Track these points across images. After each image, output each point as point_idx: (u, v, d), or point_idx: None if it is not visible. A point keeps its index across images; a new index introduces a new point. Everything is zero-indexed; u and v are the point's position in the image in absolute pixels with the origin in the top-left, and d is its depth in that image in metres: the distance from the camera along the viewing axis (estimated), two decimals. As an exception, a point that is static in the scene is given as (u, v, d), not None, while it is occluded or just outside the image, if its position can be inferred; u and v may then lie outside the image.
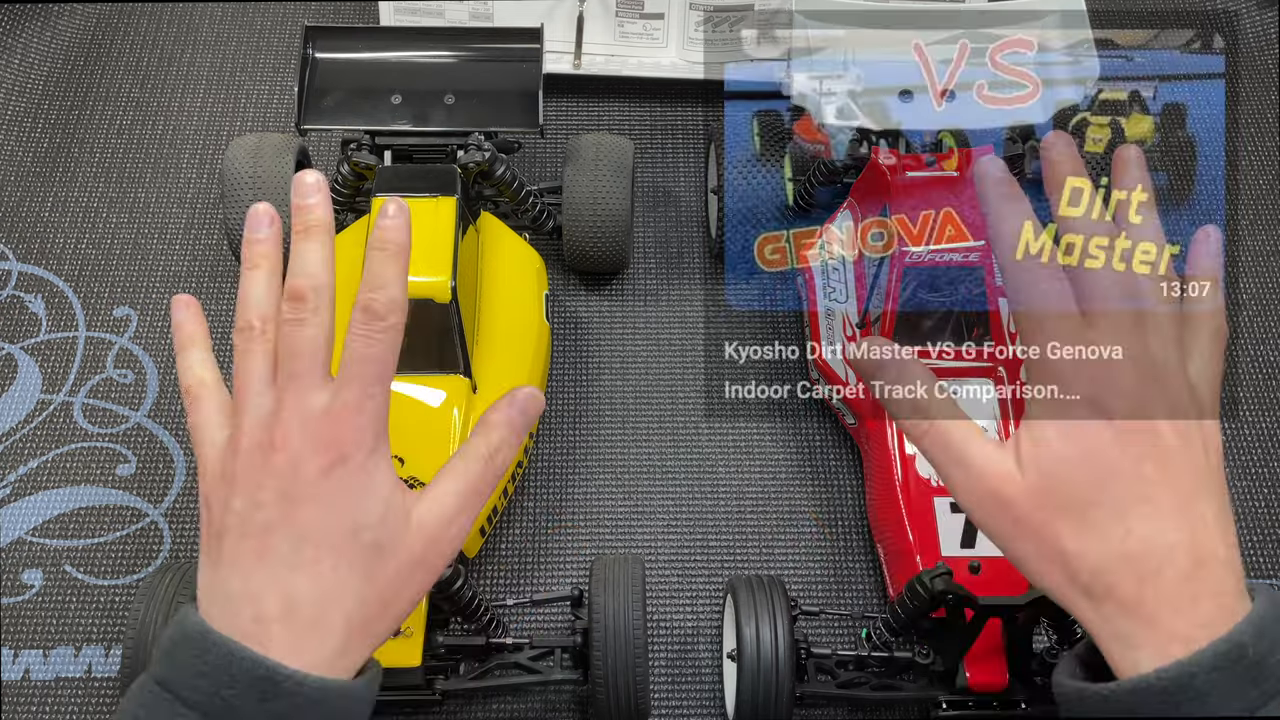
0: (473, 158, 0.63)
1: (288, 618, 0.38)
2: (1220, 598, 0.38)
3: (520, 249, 0.67)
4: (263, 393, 0.41)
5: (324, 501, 0.39)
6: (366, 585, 0.40)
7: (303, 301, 0.41)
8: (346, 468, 0.40)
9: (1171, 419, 0.39)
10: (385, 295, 0.41)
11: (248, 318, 0.42)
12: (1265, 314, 0.73)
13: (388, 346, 0.41)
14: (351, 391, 0.40)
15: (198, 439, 0.42)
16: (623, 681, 0.53)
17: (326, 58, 0.66)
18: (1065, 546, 0.39)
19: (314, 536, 0.39)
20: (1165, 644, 0.37)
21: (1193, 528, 0.39)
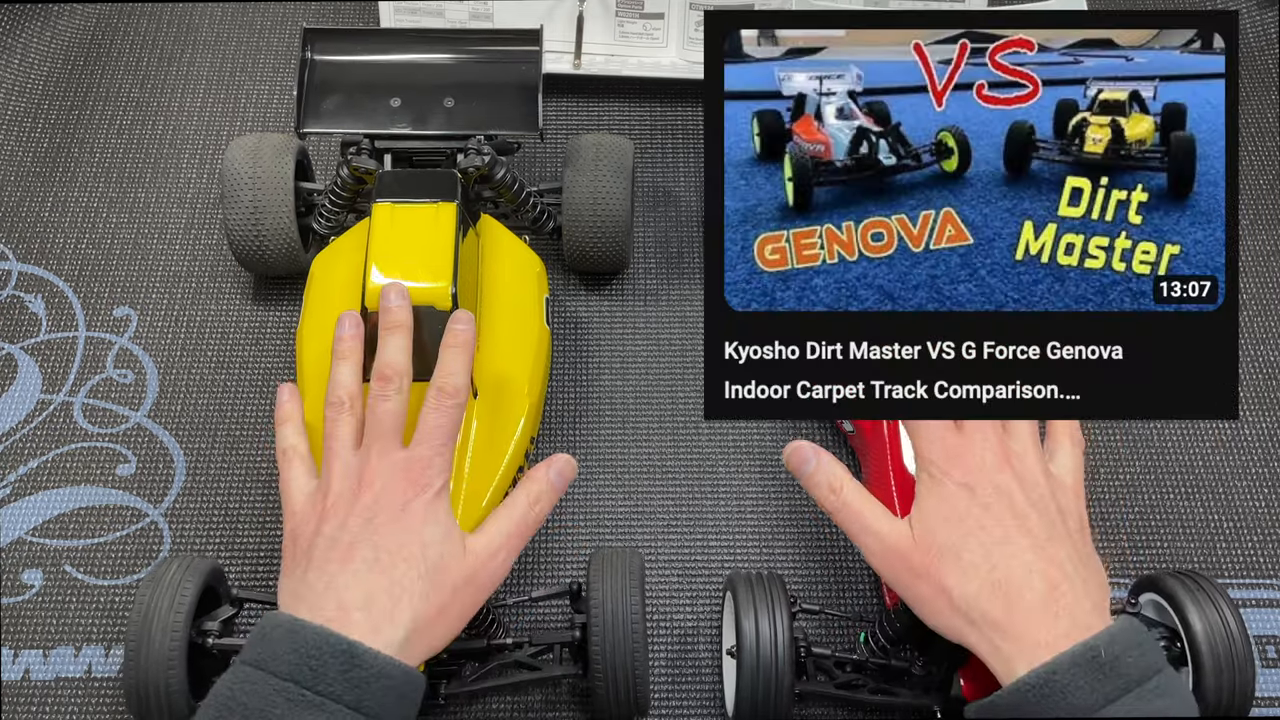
0: (472, 162, 0.63)
1: (366, 606, 0.47)
2: (1075, 615, 0.47)
3: (521, 253, 0.67)
4: (350, 452, 0.52)
5: (400, 526, 0.49)
6: (430, 590, 0.49)
7: (388, 382, 0.53)
8: (418, 502, 0.50)
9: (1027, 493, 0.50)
10: (453, 381, 0.53)
11: (338, 395, 0.54)
12: (1265, 314, 0.73)
13: (454, 418, 0.52)
14: (425, 449, 0.51)
15: (288, 490, 0.53)
16: (622, 673, 0.53)
17: (325, 60, 0.66)
18: (947, 583, 0.48)
19: (390, 548, 0.49)
20: (1032, 652, 0.46)
21: (1046, 563, 0.48)
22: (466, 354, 0.55)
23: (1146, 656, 0.46)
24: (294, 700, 0.44)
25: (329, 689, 0.44)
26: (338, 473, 0.51)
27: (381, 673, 0.45)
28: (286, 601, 0.49)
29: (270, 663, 0.45)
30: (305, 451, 0.55)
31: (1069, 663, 0.45)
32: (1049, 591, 0.47)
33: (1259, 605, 0.63)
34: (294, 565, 0.50)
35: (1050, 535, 0.49)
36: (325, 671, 0.44)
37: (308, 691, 0.44)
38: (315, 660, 0.45)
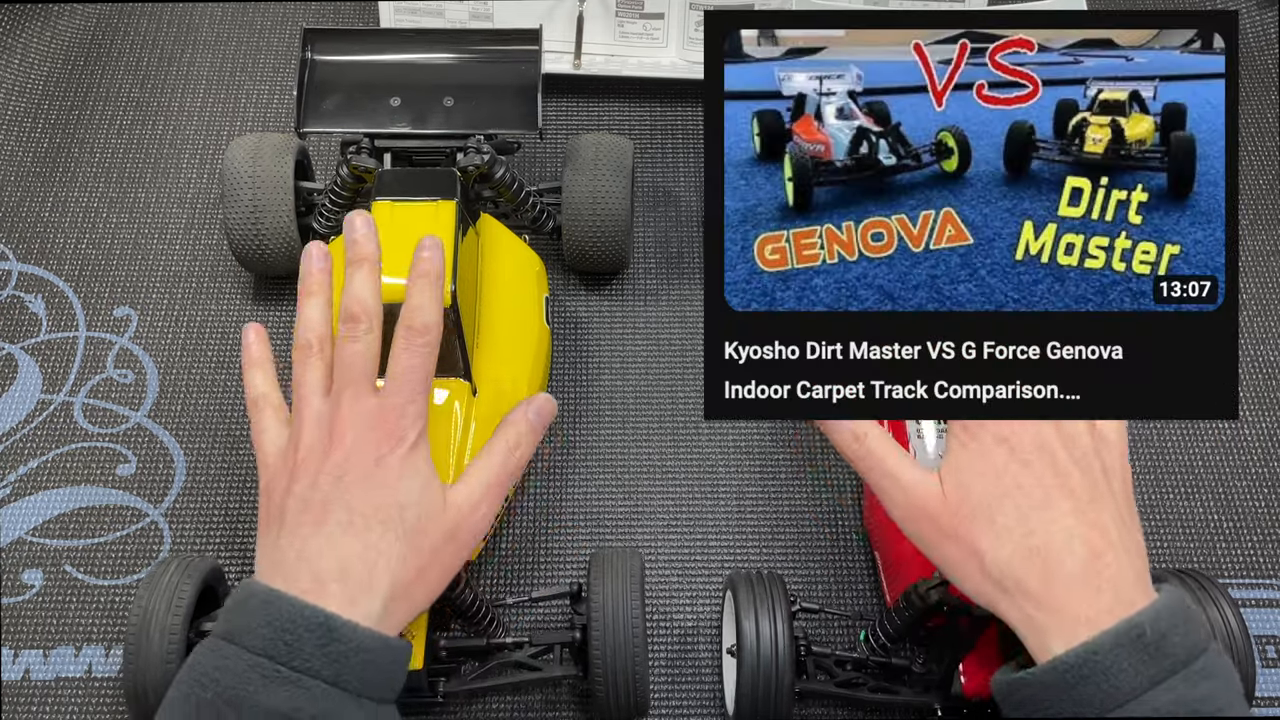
0: (472, 160, 0.63)
1: (342, 576, 0.45)
2: (1119, 587, 0.44)
3: (520, 252, 0.67)
4: (320, 400, 0.49)
5: (374, 483, 0.47)
6: (408, 552, 0.47)
7: (356, 322, 0.49)
8: (393, 457, 0.47)
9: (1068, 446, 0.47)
10: (423, 316, 0.49)
11: (306, 337, 0.50)
12: (1265, 314, 0.73)
13: (426, 357, 0.49)
14: (398, 395, 0.48)
15: (260, 441, 0.50)
16: (622, 674, 0.53)
17: (325, 60, 0.66)
18: (979, 546, 0.45)
19: (364, 509, 0.46)
20: (1071, 628, 0.43)
21: (1088, 528, 0.45)
22: (436, 285, 0.51)
23: (1192, 635, 0.43)
24: (269, 676, 0.42)
25: (305, 664, 0.43)
26: (308, 421, 0.48)
27: (360, 646, 0.44)
28: (263, 568, 0.47)
29: (244, 636, 0.43)
30: (277, 400, 0.52)
31: (1112, 642, 0.42)
32: (1091, 560, 0.44)
33: (1259, 605, 0.63)
34: (268, 527, 0.48)
35: (1094, 496, 0.46)
36: (301, 646, 0.43)
37: (283, 667, 0.42)
38: (290, 635, 0.43)
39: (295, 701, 0.42)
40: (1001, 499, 0.46)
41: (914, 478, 0.48)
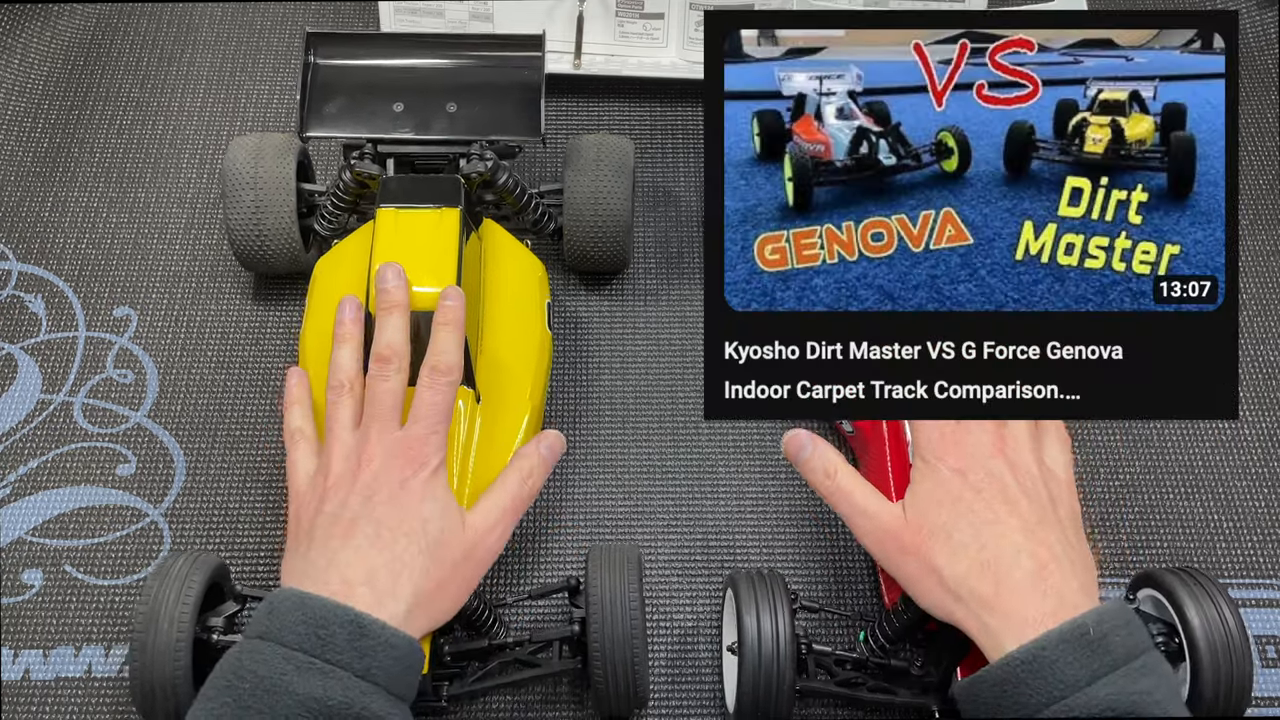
0: (475, 167, 0.63)
1: (370, 582, 0.48)
2: (1063, 594, 0.48)
3: (523, 257, 0.67)
4: (350, 432, 0.54)
5: (399, 502, 0.51)
6: (430, 565, 0.50)
7: (387, 363, 0.54)
8: (416, 480, 0.51)
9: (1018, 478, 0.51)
10: (446, 359, 0.54)
11: (339, 378, 0.55)
12: (1265, 314, 0.73)
13: (447, 394, 0.54)
14: (421, 427, 0.53)
15: (293, 470, 0.54)
16: (621, 663, 0.53)
17: (328, 64, 0.66)
18: (937, 562, 0.50)
19: (390, 524, 0.50)
20: (1020, 629, 0.47)
21: (1035, 544, 0.49)
22: (458, 331, 0.55)
23: (1134, 636, 0.47)
24: (303, 667, 0.45)
25: (338, 657, 0.45)
26: (338, 453, 0.53)
27: (388, 642, 0.46)
28: (290, 579, 0.50)
29: (278, 634, 0.46)
30: (311, 434, 0.56)
31: (1058, 639, 0.46)
32: (1037, 570, 0.49)
33: (1259, 605, 0.63)
34: (297, 544, 0.51)
35: (1040, 520, 0.50)
36: (333, 640, 0.46)
37: (316, 659, 0.45)
38: (323, 630, 0.46)
39: (327, 690, 0.45)
40: (957, 519, 0.50)
41: (879, 507, 0.53)
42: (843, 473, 0.54)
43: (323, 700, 0.44)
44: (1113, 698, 0.44)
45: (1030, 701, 0.45)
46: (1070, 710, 0.45)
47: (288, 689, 0.44)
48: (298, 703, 0.44)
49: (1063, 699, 0.45)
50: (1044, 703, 0.45)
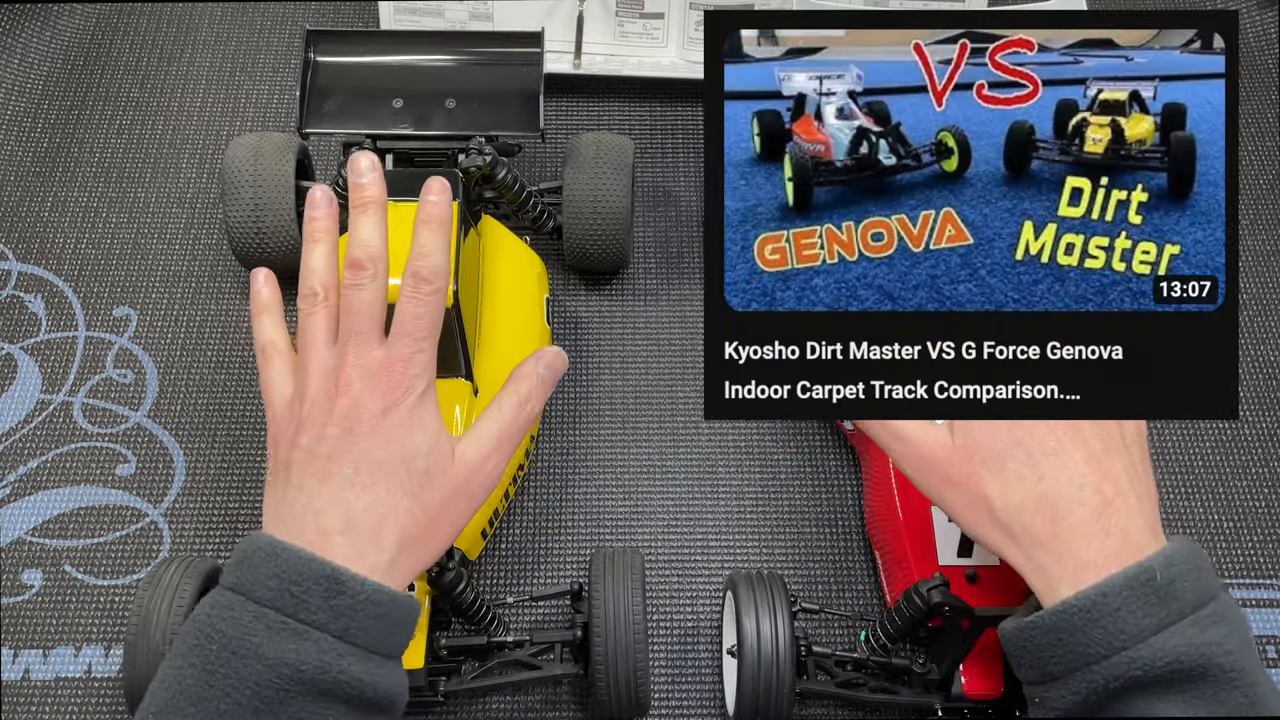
0: (474, 162, 0.63)
1: (348, 529, 0.44)
2: (1128, 533, 0.44)
3: (521, 253, 0.67)
4: (326, 349, 0.48)
5: (380, 435, 0.46)
6: (415, 505, 0.46)
7: (361, 269, 0.48)
8: (400, 408, 0.46)
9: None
10: (430, 263, 0.48)
11: (311, 285, 0.49)
12: (1265, 314, 0.73)
13: (433, 306, 0.48)
14: (403, 345, 0.47)
15: (268, 391, 0.49)
16: (623, 672, 0.53)
17: (328, 61, 0.66)
18: (987, 492, 0.46)
19: (371, 462, 0.46)
20: (1079, 572, 0.43)
21: (1100, 476, 0.45)
22: (443, 229, 0.50)
23: (1202, 581, 0.43)
24: (274, 628, 0.42)
25: (312, 617, 0.42)
26: (314, 372, 0.48)
27: (369, 599, 0.43)
28: (269, 520, 0.46)
29: (249, 587, 0.43)
30: (285, 347, 0.51)
31: (1121, 584, 0.42)
32: (1101, 507, 0.44)
33: (1259, 605, 0.63)
34: (274, 479, 0.47)
35: (1107, 446, 0.46)
36: (308, 599, 0.42)
37: (290, 619, 0.42)
38: (297, 586, 0.42)
39: (301, 654, 0.41)
40: (1013, 447, 0.46)
41: (922, 431, 0.49)
42: None
43: (295, 665, 0.41)
44: (1180, 649, 0.41)
45: (1089, 651, 0.42)
46: (1133, 662, 0.41)
47: (258, 652, 0.41)
48: (269, 668, 0.41)
49: (1124, 649, 0.41)
50: (1103, 654, 0.42)
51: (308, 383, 0.48)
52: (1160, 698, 0.41)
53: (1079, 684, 0.42)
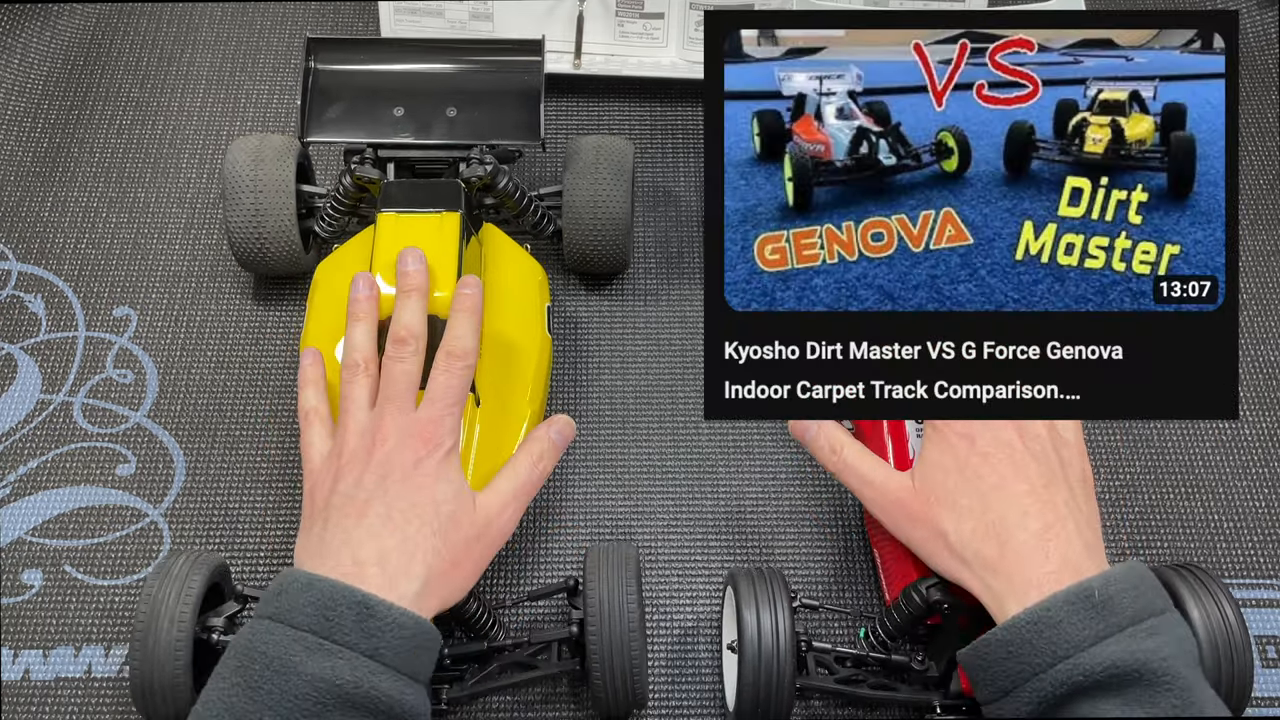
0: (475, 172, 0.63)
1: (381, 562, 0.49)
2: (1066, 556, 0.49)
3: (523, 261, 0.67)
4: (364, 412, 0.54)
5: (412, 483, 0.51)
6: (442, 545, 0.51)
7: (404, 345, 0.55)
8: (429, 461, 0.52)
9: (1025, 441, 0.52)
10: (462, 344, 0.55)
11: (354, 358, 0.56)
12: (1265, 314, 0.73)
13: (462, 378, 0.54)
14: (435, 409, 0.53)
15: (308, 451, 0.55)
16: (619, 664, 0.53)
17: (328, 69, 0.66)
18: (943, 526, 0.51)
19: (403, 505, 0.51)
20: (1024, 591, 0.48)
21: (1041, 505, 0.50)
22: (474, 317, 0.56)
23: (1144, 598, 0.47)
24: (311, 648, 0.45)
25: (345, 638, 0.46)
26: (353, 431, 0.53)
27: (396, 623, 0.47)
28: (303, 558, 0.51)
29: (288, 615, 0.46)
30: (326, 414, 0.57)
31: (1063, 601, 0.46)
32: (1042, 531, 0.49)
33: (1259, 605, 0.63)
34: (311, 523, 0.52)
35: (1048, 482, 0.51)
36: (341, 621, 0.46)
37: (325, 640, 0.46)
38: (331, 611, 0.46)
39: (336, 670, 0.45)
40: (963, 485, 0.51)
41: (886, 477, 0.54)
42: (848, 448, 0.55)
43: (331, 680, 0.45)
44: (1117, 655, 0.45)
45: (1035, 661, 0.46)
46: (1075, 668, 0.45)
47: (296, 669, 0.45)
48: (307, 682, 0.45)
49: (1067, 658, 0.45)
50: (1048, 663, 0.45)
51: (346, 439, 0.53)
52: (1100, 699, 0.45)
53: (1028, 694, 0.46)
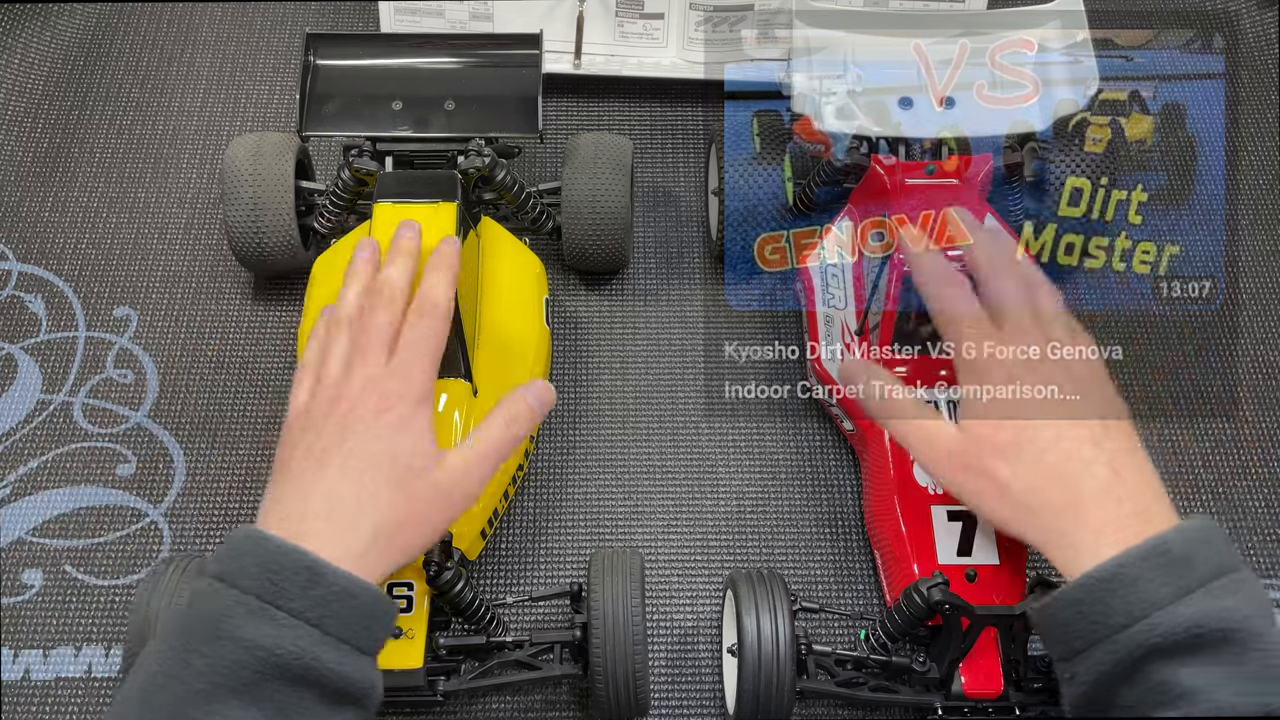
0: (473, 163, 0.63)
1: (330, 516, 0.47)
2: (1137, 499, 0.48)
3: (521, 254, 0.67)
4: (339, 367, 0.52)
5: (372, 434, 0.50)
6: (397, 498, 0.49)
7: (379, 294, 0.54)
8: (393, 413, 0.50)
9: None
10: (431, 296, 0.54)
11: (340, 313, 0.54)
12: (1265, 314, 0.73)
13: (434, 329, 0.53)
14: (402, 361, 0.52)
15: (292, 400, 0.53)
16: (622, 673, 0.53)
17: (328, 64, 0.66)
18: (1001, 476, 0.50)
19: (360, 456, 0.49)
20: (1095, 536, 0.46)
21: (1104, 452, 0.49)
22: (448, 273, 0.55)
23: (1218, 554, 0.45)
24: (254, 613, 0.44)
25: (290, 604, 0.44)
26: (325, 384, 0.52)
27: (346, 591, 0.45)
28: (264, 510, 0.49)
29: (233, 576, 0.45)
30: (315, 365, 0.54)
31: (1138, 556, 0.45)
32: (1111, 478, 0.48)
33: (1259, 605, 0.63)
34: (276, 474, 0.51)
35: (1105, 426, 0.50)
36: (287, 587, 0.44)
37: (268, 605, 0.44)
38: (277, 575, 0.44)
39: (277, 638, 0.43)
40: (1018, 433, 0.50)
41: (936, 427, 0.53)
42: (899, 395, 0.54)
43: (270, 649, 0.43)
44: (1198, 615, 0.43)
45: (1111, 620, 0.44)
46: (1154, 628, 0.43)
47: (235, 636, 0.43)
48: (245, 650, 0.43)
49: (1145, 617, 0.44)
50: (1124, 622, 0.44)
51: (317, 391, 0.52)
52: (1182, 664, 0.43)
53: (1104, 654, 0.44)
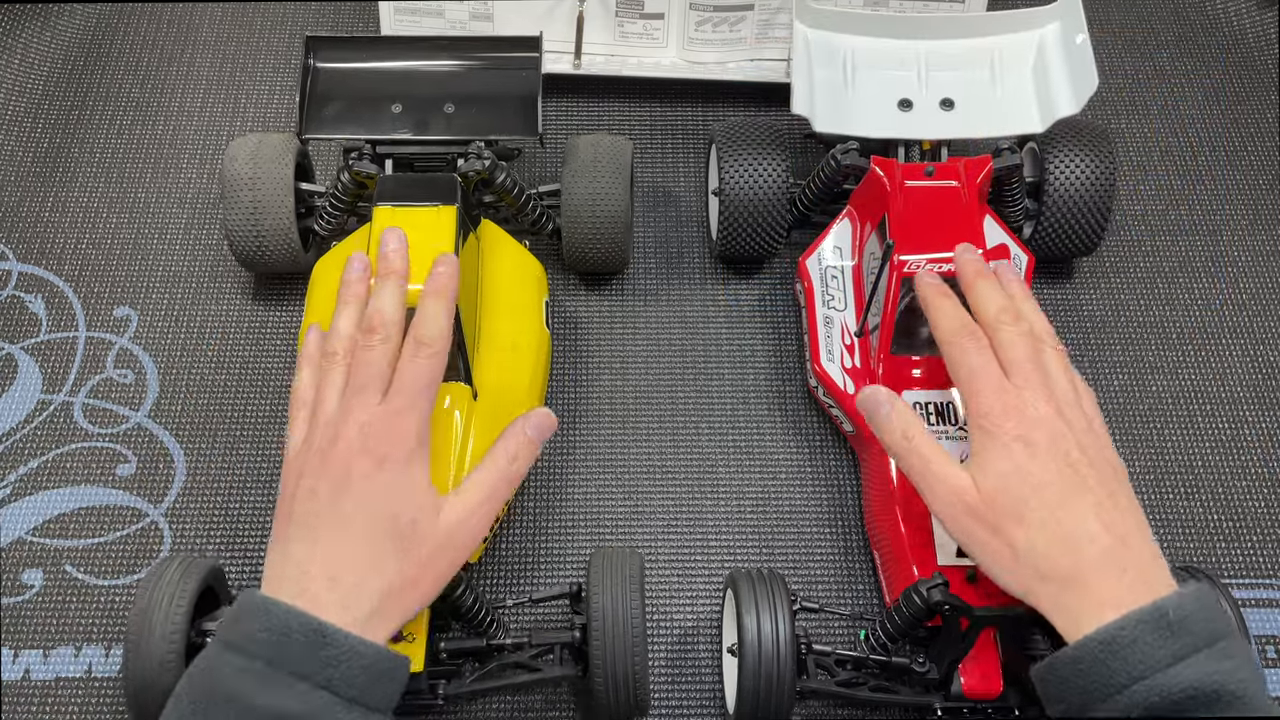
0: (473, 166, 0.63)
1: (334, 584, 0.47)
2: (1142, 569, 0.48)
3: (521, 257, 0.67)
4: (335, 403, 0.52)
5: (368, 494, 0.49)
6: (400, 561, 0.49)
7: (374, 333, 0.52)
8: (388, 467, 0.49)
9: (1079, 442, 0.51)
10: (430, 329, 0.53)
11: (334, 346, 0.53)
12: (1265, 314, 0.73)
13: (431, 367, 0.52)
14: (399, 400, 0.51)
15: (288, 438, 0.53)
16: (622, 674, 0.53)
17: (327, 67, 0.66)
18: (1013, 538, 0.50)
19: (358, 521, 0.49)
20: (1099, 608, 0.47)
21: (1109, 518, 0.49)
22: (446, 300, 0.54)
23: (1214, 620, 0.46)
24: (263, 679, 0.44)
25: (298, 668, 0.44)
26: (321, 422, 0.51)
27: (353, 650, 0.45)
28: (267, 576, 0.49)
29: (242, 642, 0.45)
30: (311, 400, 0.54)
31: (1137, 620, 0.45)
32: (1115, 546, 0.48)
33: (1259, 605, 0.63)
34: (276, 533, 0.51)
35: (1110, 492, 0.50)
36: (293, 650, 0.44)
37: (278, 671, 0.44)
38: (284, 639, 0.45)
39: (285, 702, 0.44)
40: (1029, 495, 0.50)
41: (956, 474, 0.52)
42: (920, 436, 0.53)
43: (280, 714, 0.43)
44: (1196, 678, 0.44)
45: (1112, 681, 0.45)
46: (1152, 690, 0.44)
47: (248, 703, 0.44)
48: (258, 717, 0.43)
49: (1144, 679, 0.44)
50: (1125, 683, 0.45)
51: (314, 430, 0.52)
52: None
53: (1102, 714, 0.45)
